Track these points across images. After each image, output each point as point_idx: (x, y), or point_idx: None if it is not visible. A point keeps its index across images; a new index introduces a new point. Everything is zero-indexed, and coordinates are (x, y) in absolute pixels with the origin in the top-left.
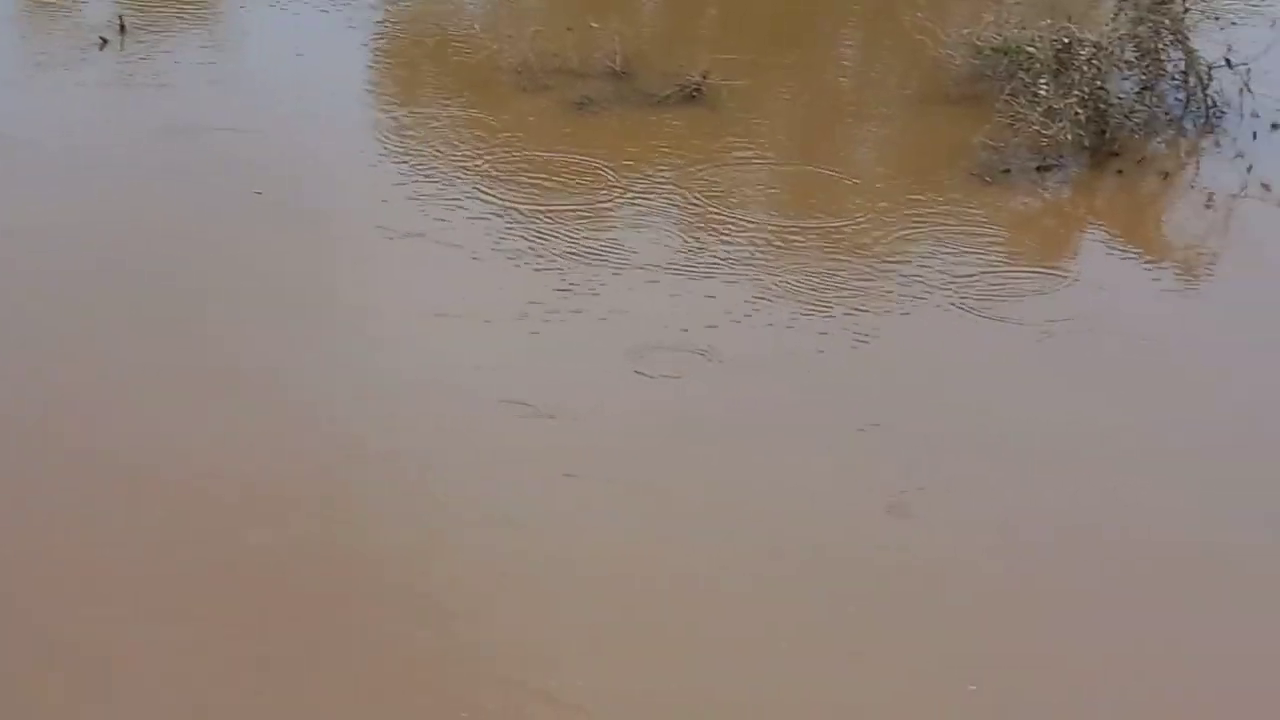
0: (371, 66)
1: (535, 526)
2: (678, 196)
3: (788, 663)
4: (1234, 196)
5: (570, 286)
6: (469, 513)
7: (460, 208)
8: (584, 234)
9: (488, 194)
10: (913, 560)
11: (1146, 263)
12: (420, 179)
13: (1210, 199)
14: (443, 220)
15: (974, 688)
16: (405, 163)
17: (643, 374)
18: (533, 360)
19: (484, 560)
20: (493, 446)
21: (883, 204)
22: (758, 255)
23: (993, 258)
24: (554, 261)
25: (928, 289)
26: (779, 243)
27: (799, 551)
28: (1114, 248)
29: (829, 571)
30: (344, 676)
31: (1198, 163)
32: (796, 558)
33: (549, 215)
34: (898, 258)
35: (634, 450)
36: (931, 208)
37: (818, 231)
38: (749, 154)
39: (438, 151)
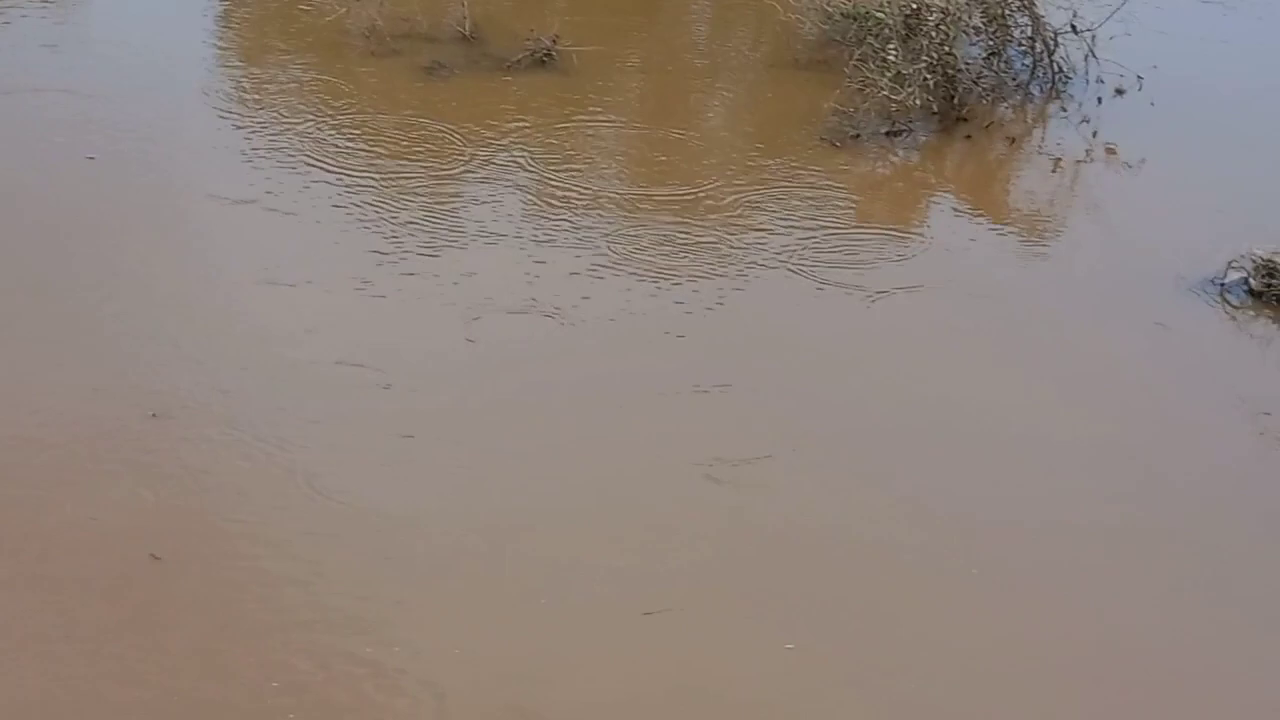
0: (216, 28)
1: (368, 487)
2: (526, 161)
3: (613, 625)
4: (1079, 161)
5: (413, 252)
6: (304, 473)
7: (302, 173)
8: (430, 199)
9: (332, 159)
10: (749, 523)
11: (994, 226)
12: (263, 143)
13: (1057, 163)
14: (283, 186)
15: (791, 646)
16: (248, 127)
17: (486, 338)
18: (372, 325)
19: (317, 521)
20: (329, 408)
21: (733, 169)
22: (606, 220)
23: (842, 222)
24: (398, 227)
25: (775, 254)
26: (628, 207)
27: (634, 511)
28: (962, 212)
29: (664, 533)
30: (167, 637)
31: (1044, 127)
32: (632, 517)
33: (395, 180)
34: (747, 222)
35: (474, 413)
36: (781, 173)
37: (667, 196)
38: (599, 119)
39: (282, 115)
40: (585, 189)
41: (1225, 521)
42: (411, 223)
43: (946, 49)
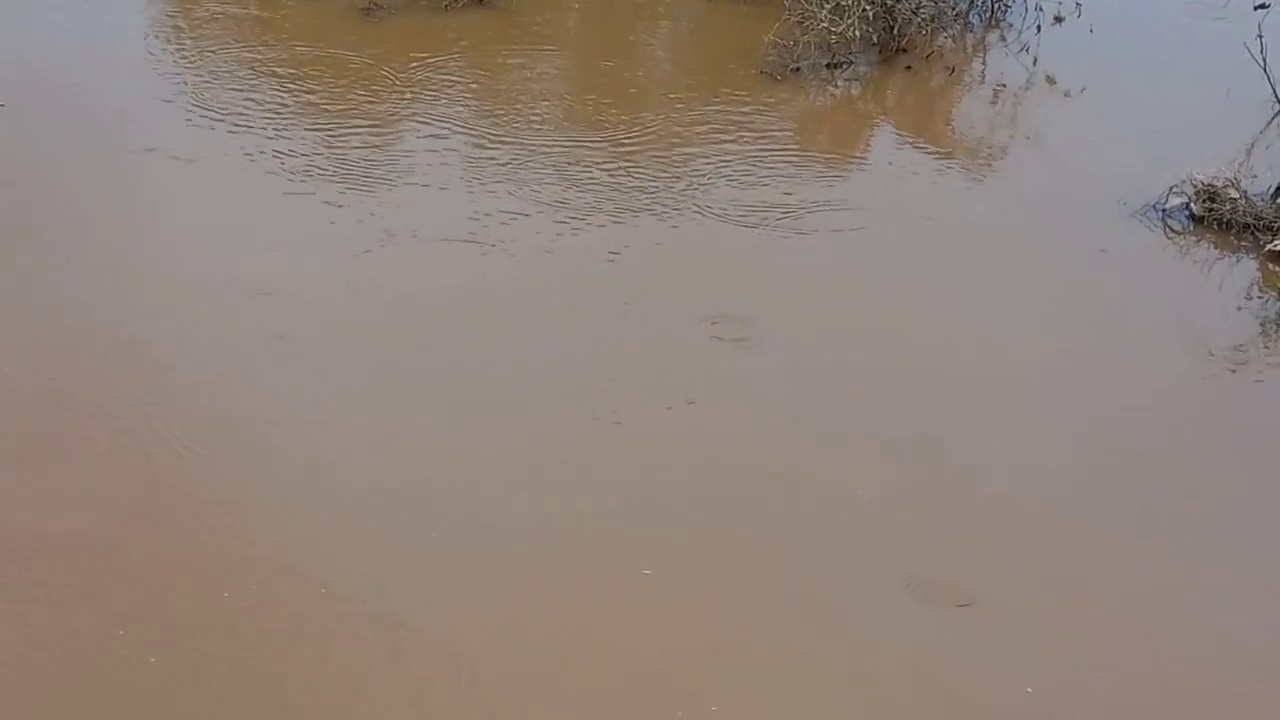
0: None
1: (290, 428)
2: (460, 98)
3: (495, 544)
4: (1019, 89)
5: (345, 187)
6: (213, 413)
7: (235, 112)
8: (362, 136)
9: (266, 98)
10: (637, 455)
11: (937, 155)
12: (195, 83)
13: (997, 92)
14: (214, 126)
15: (648, 571)
16: (180, 66)
17: (410, 274)
18: (297, 261)
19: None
20: (244, 347)
21: (673, 105)
22: (540, 160)
23: (783, 154)
24: (329, 163)
25: (716, 187)
26: (565, 143)
27: (540, 450)
28: (905, 142)
29: (559, 456)
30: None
31: (984, 56)
32: (538, 456)
33: (328, 117)
34: (686, 155)
35: (398, 346)
36: (722, 107)
37: (606, 136)
38: (537, 58)
39: (215, 55)
40: (521, 126)
41: (1191, 448)
42: (343, 159)
43: None
